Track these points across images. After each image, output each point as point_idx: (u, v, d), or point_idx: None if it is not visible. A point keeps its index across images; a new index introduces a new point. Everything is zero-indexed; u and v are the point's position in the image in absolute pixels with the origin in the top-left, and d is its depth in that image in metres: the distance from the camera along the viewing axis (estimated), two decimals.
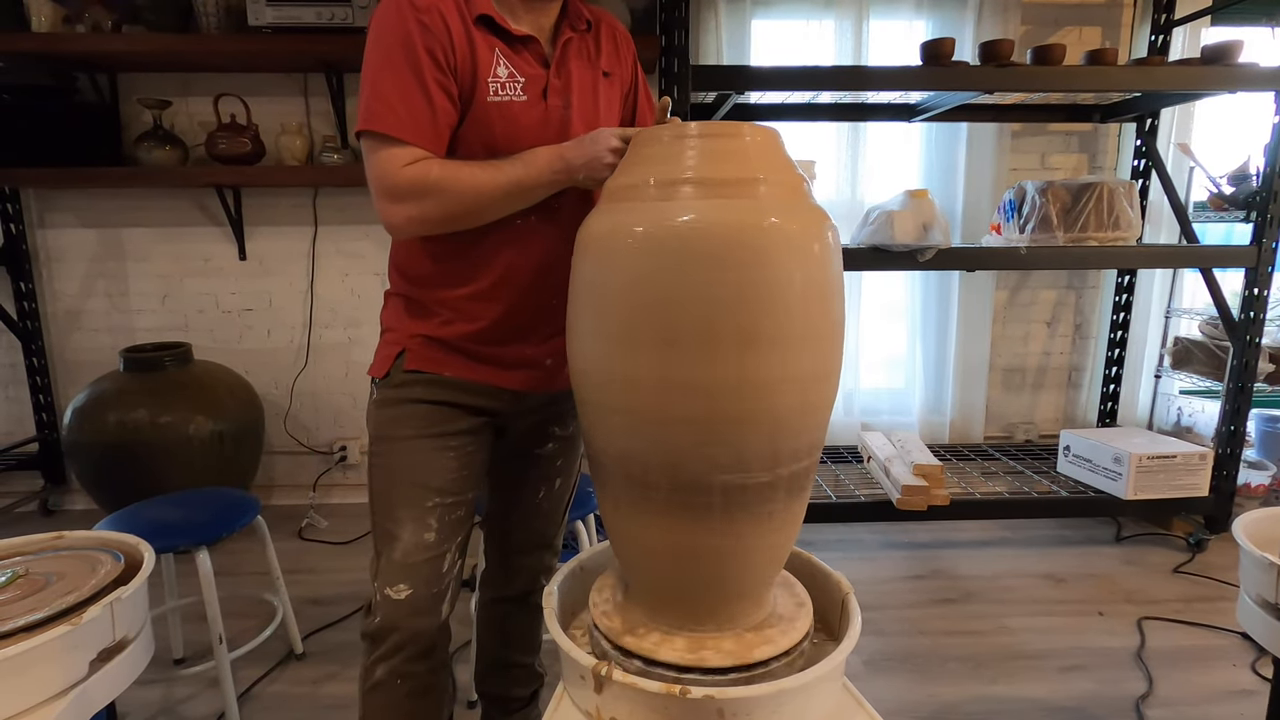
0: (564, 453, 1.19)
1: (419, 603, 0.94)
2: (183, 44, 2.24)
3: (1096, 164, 2.75)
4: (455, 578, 1.00)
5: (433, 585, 0.95)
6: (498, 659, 1.28)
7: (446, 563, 0.97)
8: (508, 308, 0.99)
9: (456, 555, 0.99)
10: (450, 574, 0.98)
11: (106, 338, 2.65)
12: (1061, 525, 2.48)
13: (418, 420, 0.99)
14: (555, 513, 1.22)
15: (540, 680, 1.33)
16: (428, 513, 0.96)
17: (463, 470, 1.00)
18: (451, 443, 1.00)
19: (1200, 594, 2.04)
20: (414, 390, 1.00)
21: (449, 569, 0.98)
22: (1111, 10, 2.63)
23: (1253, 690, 1.62)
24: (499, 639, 1.28)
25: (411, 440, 0.99)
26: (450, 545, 0.98)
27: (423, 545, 0.95)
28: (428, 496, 0.96)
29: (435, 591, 0.95)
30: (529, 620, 1.27)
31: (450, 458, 0.99)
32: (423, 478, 0.97)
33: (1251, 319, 2.22)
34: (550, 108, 0.96)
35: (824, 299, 0.73)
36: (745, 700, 0.70)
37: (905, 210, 2.05)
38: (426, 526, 0.95)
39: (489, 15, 0.92)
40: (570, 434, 1.18)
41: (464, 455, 1.01)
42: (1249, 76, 2.08)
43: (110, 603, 0.94)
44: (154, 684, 1.63)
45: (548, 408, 1.12)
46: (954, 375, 2.78)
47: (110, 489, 2.25)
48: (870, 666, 1.71)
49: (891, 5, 2.53)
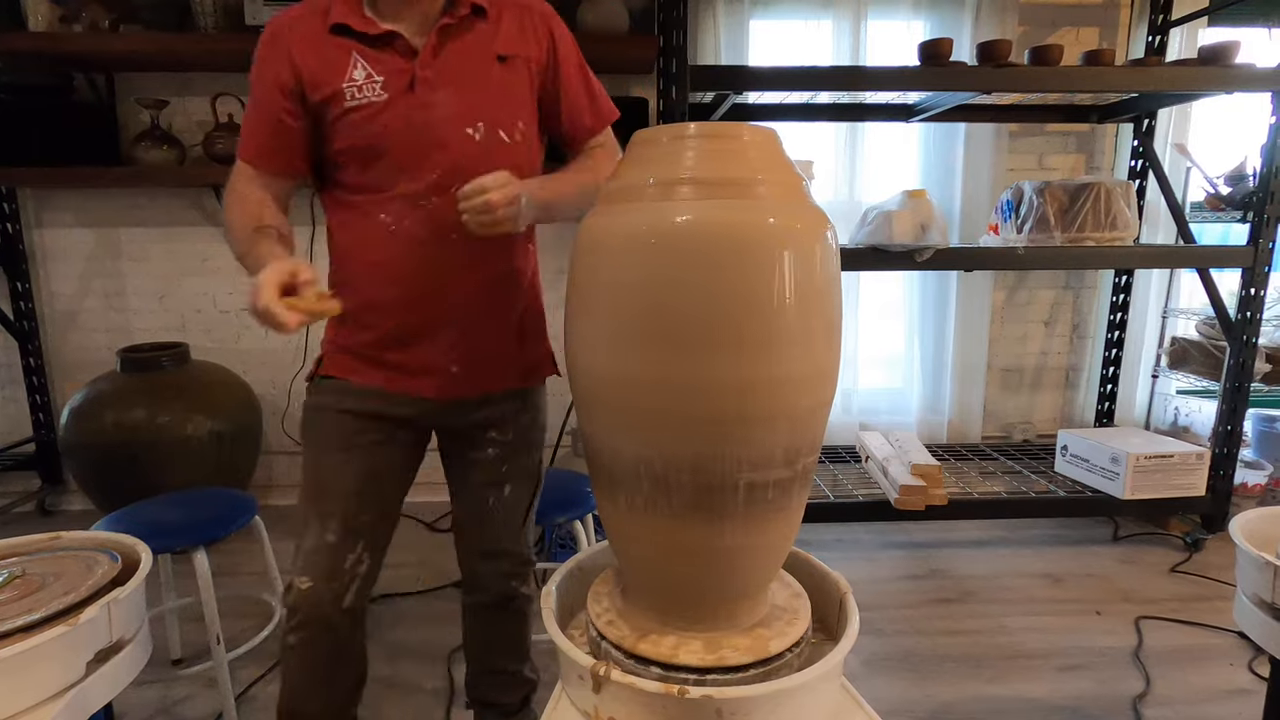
0: (509, 458, 1.16)
1: (318, 594, 1.04)
2: (180, 44, 2.24)
3: (1094, 164, 2.76)
4: (363, 575, 1.07)
5: (332, 581, 1.04)
6: (484, 664, 1.28)
7: (348, 561, 1.05)
8: (397, 314, 1.03)
9: (364, 554, 1.06)
10: (354, 571, 1.06)
11: (103, 337, 2.64)
12: (1059, 525, 2.49)
13: (328, 428, 1.07)
14: (511, 521, 1.19)
15: (531, 686, 1.31)
16: (329, 516, 1.04)
17: (367, 480, 1.06)
18: (357, 454, 1.06)
19: (1197, 593, 2.04)
20: (327, 397, 1.08)
21: (352, 566, 1.05)
22: (1109, 11, 2.64)
23: (1250, 689, 1.62)
24: (482, 644, 1.27)
25: (322, 449, 1.07)
26: (354, 547, 1.05)
27: (324, 546, 1.04)
28: (331, 502, 1.05)
29: (335, 586, 1.04)
30: (510, 626, 1.26)
31: (356, 466, 1.06)
32: (327, 485, 1.05)
33: (1248, 319, 2.22)
34: (419, 100, 0.96)
35: (822, 299, 0.73)
36: (743, 700, 0.70)
37: (903, 210, 2.06)
38: (328, 529, 1.04)
39: (343, 23, 0.95)
40: (513, 440, 1.15)
41: (371, 463, 1.06)
42: (1246, 77, 2.09)
43: (107, 603, 0.94)
44: (152, 684, 1.63)
45: (479, 411, 1.11)
46: (952, 375, 2.78)
47: (107, 489, 2.25)
48: (868, 666, 1.71)
49: (889, 5, 2.54)
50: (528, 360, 1.15)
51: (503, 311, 1.09)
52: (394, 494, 1.12)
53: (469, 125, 0.99)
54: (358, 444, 1.06)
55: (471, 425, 1.13)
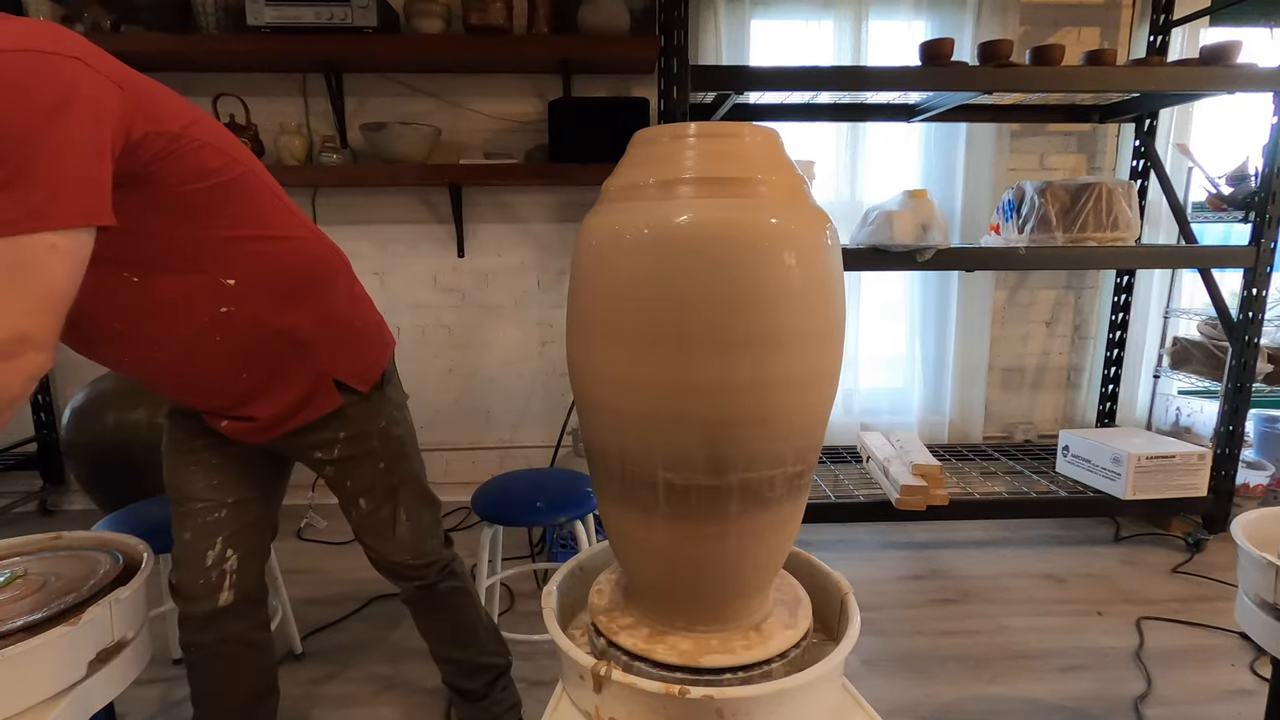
0: (350, 474, 1.14)
1: (186, 589, 1.11)
2: (182, 44, 2.24)
3: (1095, 164, 2.75)
4: (229, 572, 1.13)
5: (197, 577, 1.11)
6: (435, 653, 1.34)
7: (210, 559, 1.11)
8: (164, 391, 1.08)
9: (223, 551, 1.12)
10: (219, 566, 1.12)
11: None
12: (1060, 525, 2.48)
13: (170, 436, 1.14)
14: (381, 532, 1.18)
15: (495, 670, 1.35)
16: (184, 516, 1.11)
17: (210, 479, 1.12)
18: (194, 457, 1.12)
19: (1199, 594, 2.04)
20: (167, 405, 1.15)
21: (216, 562, 1.12)
22: (1110, 11, 2.64)
23: (1251, 690, 1.62)
24: (424, 635, 1.33)
25: (169, 456, 1.14)
26: (210, 544, 1.11)
27: (183, 544, 1.11)
28: (180, 504, 1.12)
29: (201, 583, 1.11)
30: (437, 620, 1.30)
31: (193, 470, 1.12)
32: (174, 489, 1.13)
33: (1250, 319, 2.22)
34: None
35: (824, 299, 0.73)
36: (744, 700, 0.70)
37: (904, 210, 2.05)
38: (184, 528, 1.11)
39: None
40: (342, 456, 1.12)
41: (208, 467, 1.12)
42: (1247, 77, 2.09)
43: (109, 603, 0.94)
44: (153, 684, 1.63)
45: (289, 441, 1.10)
46: (953, 375, 2.78)
47: (109, 489, 2.25)
48: (869, 666, 1.71)
49: (890, 5, 2.54)
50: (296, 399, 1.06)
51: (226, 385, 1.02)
52: (247, 490, 1.15)
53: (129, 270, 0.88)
54: (197, 446, 1.12)
55: (295, 449, 1.13)
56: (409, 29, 2.30)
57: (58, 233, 0.68)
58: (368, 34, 2.20)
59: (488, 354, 2.78)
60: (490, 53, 2.34)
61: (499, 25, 2.26)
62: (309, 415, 1.08)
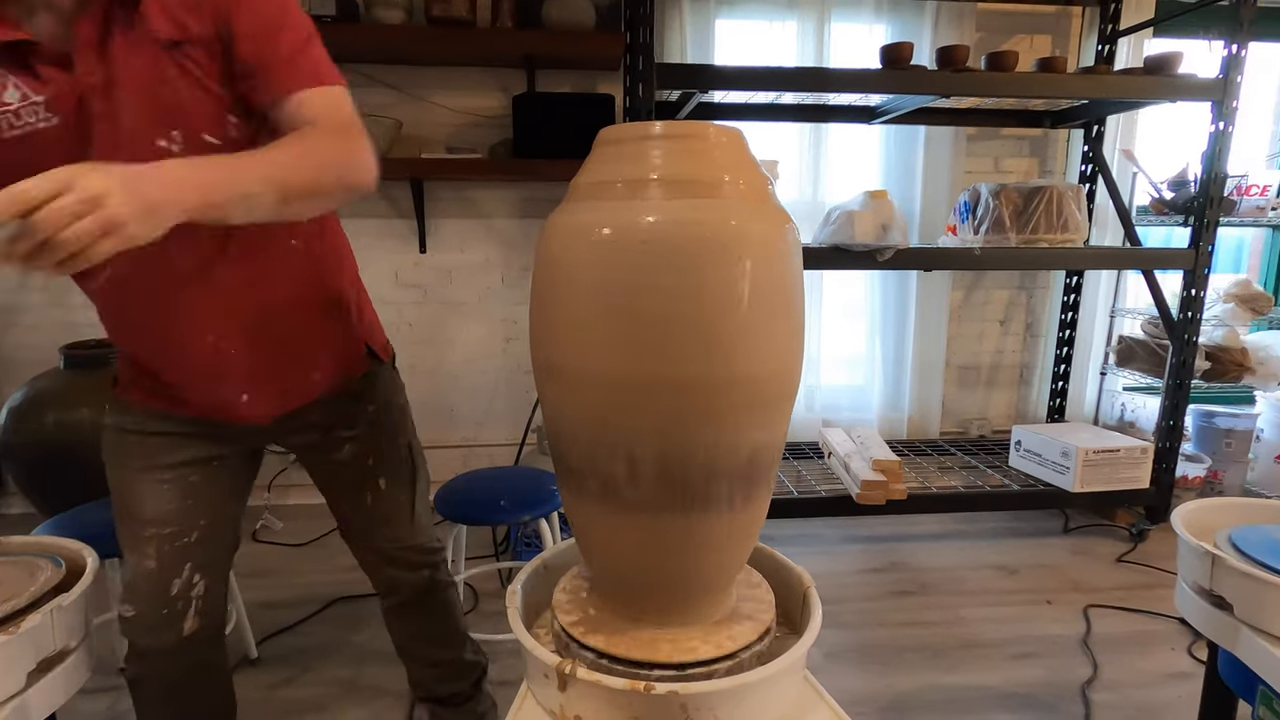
0: (371, 451, 1.11)
1: (147, 621, 0.99)
2: None
3: (1047, 168, 2.84)
4: (199, 596, 1.02)
5: (160, 608, 0.99)
6: (420, 661, 1.26)
7: (175, 588, 1.00)
8: (155, 367, 0.97)
9: (192, 576, 1.01)
10: (184, 595, 1.01)
11: (46, 334, 2.53)
12: (1013, 518, 2.56)
13: (132, 451, 1.00)
14: (398, 516, 1.14)
15: (478, 669, 1.29)
16: (145, 542, 0.99)
17: (185, 500, 1.00)
18: (165, 475, 1.00)
19: (1142, 582, 2.13)
20: (129, 418, 1.00)
21: (181, 592, 1.00)
22: (1061, 20, 2.72)
23: (1189, 672, 1.70)
24: (413, 644, 1.25)
25: (123, 472, 1.00)
26: (178, 572, 1.00)
27: (144, 572, 0.99)
28: (142, 528, 0.99)
29: (165, 613, 0.99)
30: (434, 619, 1.23)
31: (165, 490, 0.99)
32: (134, 510, 0.99)
33: (1189, 319, 2.32)
34: (97, 115, 0.77)
35: (785, 298, 0.74)
36: (708, 694, 0.70)
37: (865, 211, 2.09)
38: (145, 555, 0.99)
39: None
40: (363, 433, 1.09)
41: (185, 485, 1.01)
42: (1188, 86, 2.18)
43: (50, 610, 0.90)
44: (99, 694, 1.57)
45: (310, 415, 1.05)
46: (912, 373, 2.84)
47: (50, 492, 2.15)
48: (831, 659, 1.74)
49: (852, 8, 2.58)
50: (338, 358, 1.05)
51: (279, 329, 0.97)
52: (224, 508, 1.06)
53: (160, 136, 0.80)
54: (168, 464, 0.99)
55: (316, 427, 1.07)
56: (369, 19, 2.25)
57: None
58: (326, 22, 2.14)
59: (451, 351, 2.74)
60: (453, 46, 2.31)
61: (462, 18, 2.23)
62: (345, 382, 1.07)
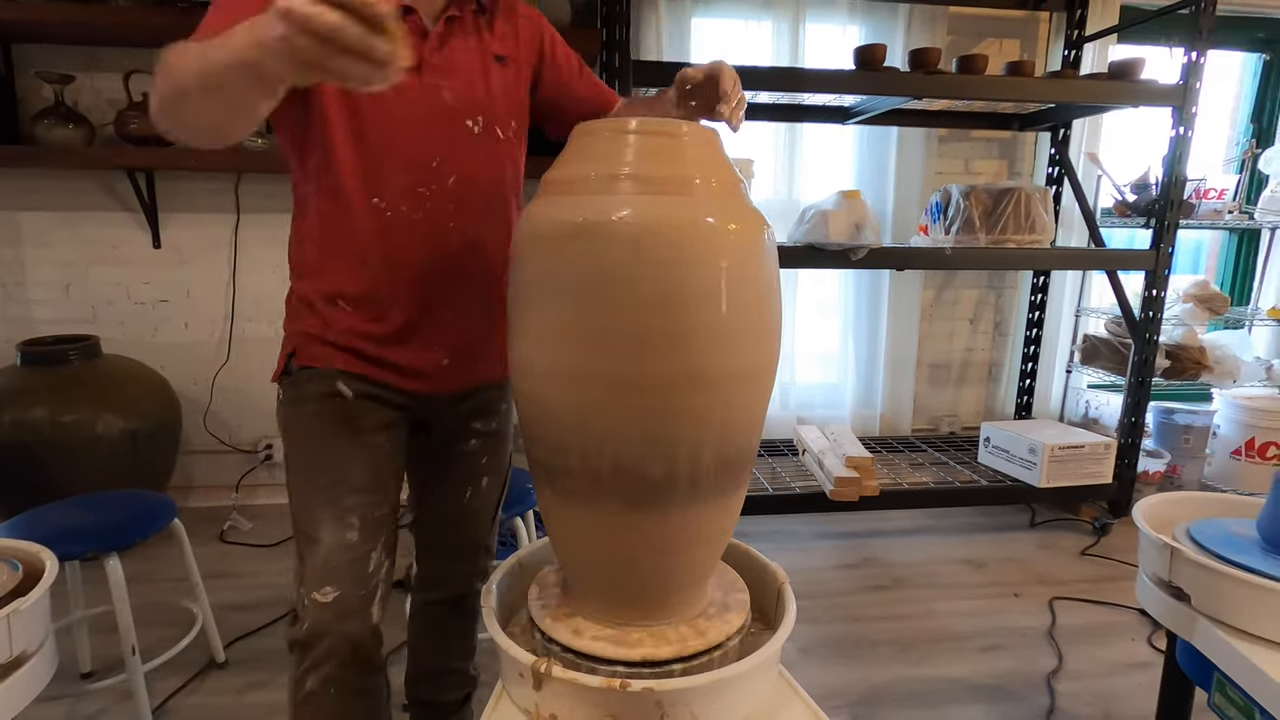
0: (490, 450, 1.14)
1: (347, 604, 0.89)
2: (88, 14, 2.08)
3: (1015, 170, 2.90)
4: (384, 579, 0.96)
5: (359, 587, 0.91)
6: (431, 665, 1.25)
7: (372, 563, 0.93)
8: (392, 308, 0.96)
9: (383, 555, 0.95)
10: (378, 575, 0.94)
11: (1, 329, 2.45)
12: (982, 513, 2.61)
13: (326, 417, 0.95)
14: (485, 514, 1.17)
15: (474, 683, 1.29)
16: (348, 511, 0.92)
17: (380, 466, 0.97)
18: (366, 439, 0.96)
19: (1105, 574, 2.19)
20: (315, 386, 0.96)
21: (375, 569, 0.94)
22: (1029, 25, 2.78)
23: (1149, 662, 1.75)
24: (433, 645, 1.24)
25: (322, 437, 0.95)
26: (374, 544, 0.94)
27: (345, 545, 0.91)
28: (346, 495, 0.92)
29: (363, 593, 0.91)
30: (464, 625, 1.24)
31: (366, 454, 0.96)
32: (339, 475, 0.93)
33: (1150, 318, 2.38)
34: (426, 86, 0.91)
35: (760, 296, 0.74)
36: (684, 691, 0.71)
37: (839, 210, 2.11)
38: (348, 526, 0.91)
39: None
40: (495, 429, 1.13)
41: (380, 451, 0.97)
42: (1150, 92, 2.24)
43: (7, 615, 0.87)
44: (59, 700, 1.53)
45: (466, 402, 1.08)
46: (884, 370, 2.88)
47: (6, 493, 2.08)
48: (805, 654, 1.76)
49: (827, 9, 2.60)
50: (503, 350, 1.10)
51: (488, 300, 1.03)
52: (399, 481, 1.02)
53: (470, 118, 0.96)
54: (364, 428, 0.96)
55: (461, 416, 1.09)
56: None
57: None
58: None
59: None
60: None
61: None
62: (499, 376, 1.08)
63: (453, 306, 0.99)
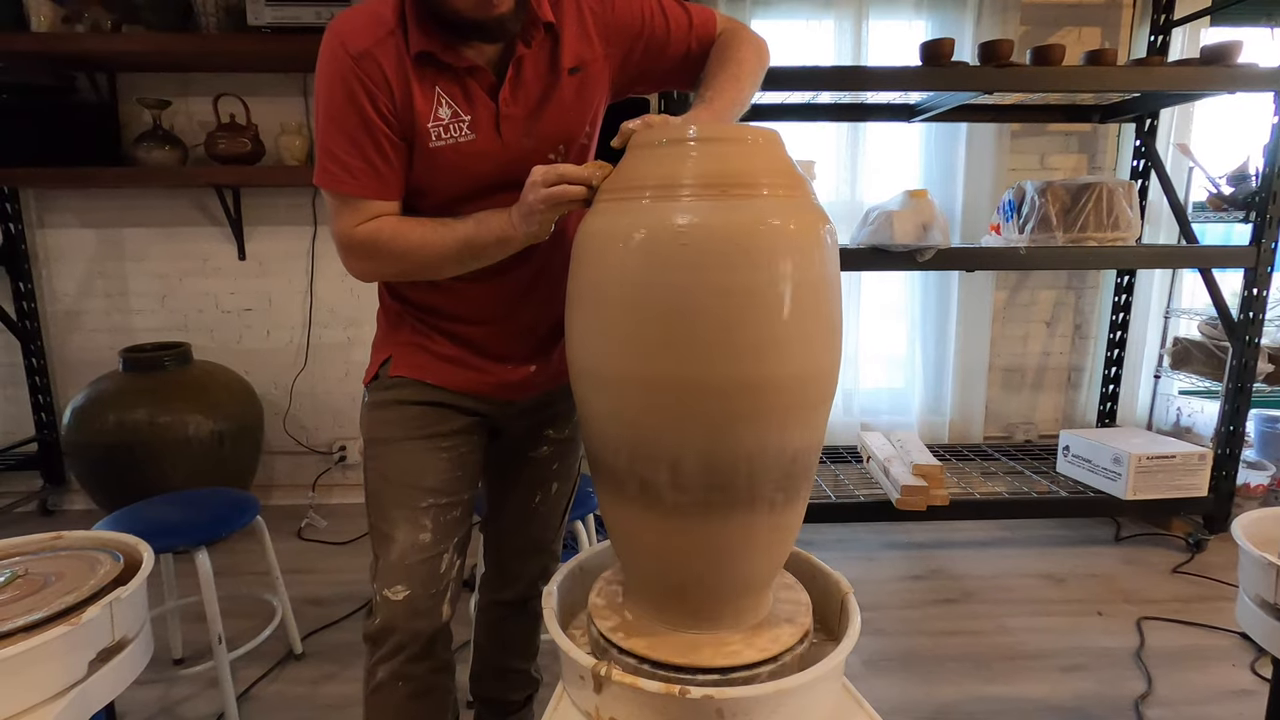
0: (560, 456, 1.17)
1: (417, 603, 0.93)
2: (182, 44, 2.24)
3: (1096, 164, 2.75)
4: (454, 579, 0.99)
5: (430, 586, 0.95)
6: (494, 663, 1.28)
7: (444, 563, 0.97)
8: (483, 335, 1.02)
9: (455, 556, 0.99)
10: (449, 575, 0.98)
11: (105, 337, 2.64)
12: (1060, 525, 2.48)
13: (407, 422, 1.00)
14: (552, 517, 1.20)
15: (536, 685, 1.32)
16: (422, 513, 0.96)
17: (456, 470, 1.00)
18: (443, 443, 1.00)
19: (1199, 594, 2.04)
20: (402, 392, 1.01)
21: (447, 569, 0.97)
22: (1110, 11, 2.63)
23: (1252, 690, 1.62)
24: (497, 643, 1.27)
25: (402, 441, 0.99)
26: (447, 545, 0.97)
27: (418, 546, 0.95)
28: (421, 497, 0.96)
29: (433, 592, 0.95)
30: (527, 625, 1.27)
31: (442, 458, 0.99)
32: (415, 478, 0.97)
33: (1251, 319, 2.22)
34: (506, 142, 0.91)
35: (822, 299, 0.73)
36: (744, 700, 0.70)
37: (905, 210, 2.05)
38: (421, 527, 0.95)
39: (427, 51, 0.86)
40: (566, 437, 1.16)
41: (456, 455, 1.01)
42: (1248, 77, 2.08)
43: (109, 603, 0.94)
44: (153, 684, 1.63)
45: (541, 410, 1.11)
46: (953, 375, 2.78)
47: (109, 489, 2.25)
48: (869, 666, 1.71)
49: (891, 5, 2.54)
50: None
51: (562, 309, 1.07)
52: (475, 487, 1.06)
53: (552, 151, 0.96)
54: (442, 432, 1.00)
55: (535, 423, 1.12)
56: None
57: None
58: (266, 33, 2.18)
59: None
60: None
61: None
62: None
63: (542, 320, 1.03)
